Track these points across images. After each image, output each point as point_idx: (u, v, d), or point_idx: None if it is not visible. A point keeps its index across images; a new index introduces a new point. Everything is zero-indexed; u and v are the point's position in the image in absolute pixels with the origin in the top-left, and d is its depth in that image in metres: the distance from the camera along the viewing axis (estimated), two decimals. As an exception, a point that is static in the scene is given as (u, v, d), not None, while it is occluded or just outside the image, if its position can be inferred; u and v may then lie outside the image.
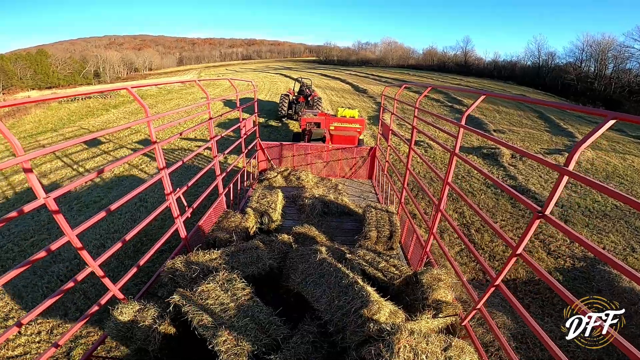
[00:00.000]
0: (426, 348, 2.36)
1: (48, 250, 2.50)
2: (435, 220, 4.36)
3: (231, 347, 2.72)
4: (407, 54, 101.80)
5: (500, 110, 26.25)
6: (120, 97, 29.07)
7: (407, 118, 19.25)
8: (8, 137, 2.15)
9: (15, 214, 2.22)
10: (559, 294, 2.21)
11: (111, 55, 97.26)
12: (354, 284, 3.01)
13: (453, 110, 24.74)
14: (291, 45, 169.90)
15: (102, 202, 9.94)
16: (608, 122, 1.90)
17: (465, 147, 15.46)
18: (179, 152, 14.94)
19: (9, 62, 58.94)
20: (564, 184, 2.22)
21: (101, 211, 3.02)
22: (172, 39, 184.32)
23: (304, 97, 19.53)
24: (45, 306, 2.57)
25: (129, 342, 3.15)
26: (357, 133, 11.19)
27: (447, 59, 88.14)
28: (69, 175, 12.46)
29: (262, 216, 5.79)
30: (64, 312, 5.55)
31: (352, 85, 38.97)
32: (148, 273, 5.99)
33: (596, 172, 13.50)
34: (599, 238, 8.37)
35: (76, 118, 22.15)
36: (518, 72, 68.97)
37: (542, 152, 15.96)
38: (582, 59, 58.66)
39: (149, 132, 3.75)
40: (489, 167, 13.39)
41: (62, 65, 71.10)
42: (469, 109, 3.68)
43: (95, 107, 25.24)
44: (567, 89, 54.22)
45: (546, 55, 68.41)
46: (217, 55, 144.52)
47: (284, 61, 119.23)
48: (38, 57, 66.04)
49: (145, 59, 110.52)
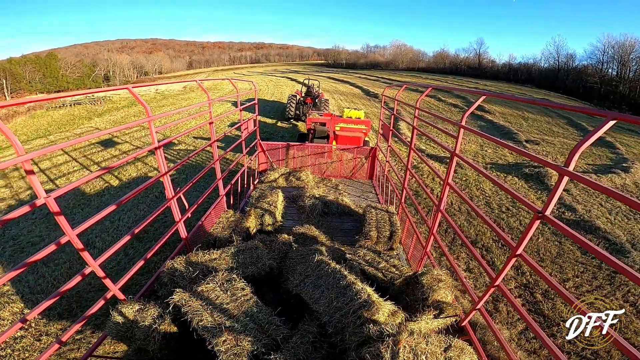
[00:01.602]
0: (426, 348, 2.36)
1: (46, 250, 2.50)
2: (436, 220, 4.35)
3: (231, 347, 2.72)
4: (417, 57, 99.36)
5: (525, 116, 24.67)
6: (111, 102, 28.47)
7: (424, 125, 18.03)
8: (9, 137, 2.15)
9: (15, 214, 2.23)
10: (559, 294, 2.20)
11: (121, 58, 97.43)
12: (352, 284, 3.01)
13: (474, 117, 23.05)
14: (299, 49, 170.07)
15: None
16: (608, 122, 1.91)
17: (499, 164, 13.76)
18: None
19: (18, 66, 58.72)
20: (564, 184, 2.23)
21: (101, 211, 3.01)
22: (182, 42, 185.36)
23: (311, 98, 19.61)
24: (44, 306, 2.57)
25: (129, 341, 3.15)
26: (363, 134, 11.17)
27: (460, 62, 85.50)
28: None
29: (262, 216, 5.78)
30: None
31: (362, 89, 37.39)
32: (148, 273, 6.00)
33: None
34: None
35: (53, 129, 20.68)
36: (535, 75, 65.72)
37: (592, 169, 13.77)
38: (603, 60, 55.58)
39: (150, 132, 3.75)
40: (534, 191, 11.08)
41: (71, 68, 70.85)
42: (469, 110, 3.67)
43: (79, 116, 24.16)
44: (589, 93, 51.41)
45: (565, 57, 65.03)
46: (227, 58, 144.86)
47: (292, 65, 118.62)
48: (47, 61, 65.77)
49: (155, 62, 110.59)
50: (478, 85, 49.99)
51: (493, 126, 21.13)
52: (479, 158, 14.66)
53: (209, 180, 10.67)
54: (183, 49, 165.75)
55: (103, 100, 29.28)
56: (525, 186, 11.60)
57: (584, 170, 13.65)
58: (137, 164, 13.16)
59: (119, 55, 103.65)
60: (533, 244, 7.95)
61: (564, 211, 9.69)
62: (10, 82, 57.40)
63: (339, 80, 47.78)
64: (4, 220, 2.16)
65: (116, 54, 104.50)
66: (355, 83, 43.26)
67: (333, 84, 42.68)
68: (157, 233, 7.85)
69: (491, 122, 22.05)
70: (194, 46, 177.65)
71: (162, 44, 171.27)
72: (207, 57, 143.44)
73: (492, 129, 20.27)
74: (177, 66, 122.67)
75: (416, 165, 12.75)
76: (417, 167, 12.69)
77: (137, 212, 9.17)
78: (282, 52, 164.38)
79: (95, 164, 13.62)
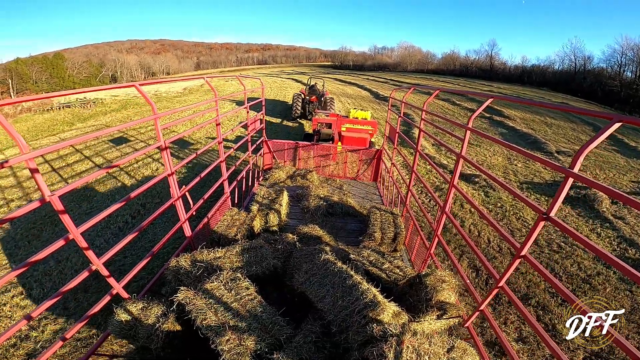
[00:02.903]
0: (429, 349, 2.36)
1: (50, 249, 2.52)
2: (440, 222, 4.35)
3: (234, 347, 2.74)
4: (426, 59, 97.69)
5: (548, 122, 23.03)
6: (101, 105, 27.29)
7: (439, 133, 17.10)
8: (13, 135, 2.18)
9: (18, 213, 2.25)
10: (561, 294, 2.19)
11: (129, 59, 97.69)
12: (358, 284, 3.01)
13: (492, 122, 21.98)
14: (306, 50, 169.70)
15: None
16: (613, 125, 1.89)
17: (535, 184, 11.58)
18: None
19: (25, 66, 58.54)
20: (569, 185, 2.22)
21: (105, 209, 3.03)
22: (190, 43, 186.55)
23: (316, 96, 19.61)
24: (48, 304, 2.60)
25: (132, 340, 3.17)
26: (369, 135, 11.15)
27: (470, 64, 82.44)
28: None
29: (267, 215, 5.80)
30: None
31: (371, 92, 35.27)
32: (152, 270, 6.04)
33: None
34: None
35: (30, 136, 19.10)
36: (550, 78, 62.68)
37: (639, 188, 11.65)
38: (621, 63, 52.92)
39: (156, 130, 3.78)
40: (584, 219, 9.07)
41: (78, 69, 70.31)
42: (475, 113, 3.66)
43: (62, 121, 22.75)
44: (609, 96, 48.41)
45: (582, 59, 61.72)
46: (234, 60, 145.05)
47: (298, 66, 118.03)
48: (54, 61, 65.22)
49: (162, 63, 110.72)
50: (492, 89, 48.10)
51: (516, 134, 19.49)
52: (510, 175, 12.45)
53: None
54: (191, 50, 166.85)
55: (94, 103, 27.88)
56: (573, 213, 9.38)
57: (631, 191, 11.41)
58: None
59: (127, 55, 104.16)
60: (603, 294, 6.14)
61: (626, 247, 7.75)
62: (16, 82, 57.49)
63: (346, 82, 45.84)
64: (6, 219, 2.19)
65: (125, 54, 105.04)
66: (364, 85, 41.34)
67: (340, 86, 40.62)
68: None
69: (513, 129, 20.48)
70: (202, 47, 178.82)
71: (171, 45, 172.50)
72: (215, 58, 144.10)
73: (515, 137, 18.67)
74: (184, 67, 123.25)
75: (439, 187, 10.95)
76: (440, 188, 10.76)
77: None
78: (289, 53, 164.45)
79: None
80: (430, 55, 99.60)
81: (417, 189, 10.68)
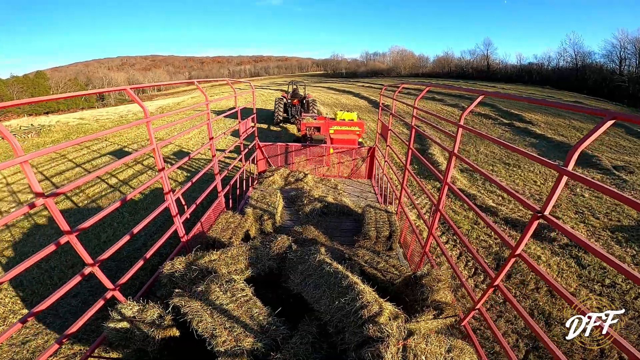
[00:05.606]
0: (426, 349, 2.37)
1: (45, 251, 2.49)
2: (435, 220, 4.36)
3: (230, 348, 2.72)
4: (419, 62, 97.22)
5: (576, 126, 19.97)
6: (48, 134, 22.25)
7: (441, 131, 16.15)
8: (8, 139, 2.15)
9: (15, 215, 2.22)
10: (559, 294, 2.21)
11: (117, 76, 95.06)
12: (354, 284, 3.01)
13: (515, 130, 19.04)
14: (298, 60, 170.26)
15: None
16: (607, 122, 1.90)
17: (624, 228, 8.12)
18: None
19: (4, 86, 55.09)
20: (563, 183, 2.23)
21: (99, 212, 3.01)
22: (181, 58, 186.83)
23: (298, 100, 19.59)
24: (44, 306, 2.56)
25: (128, 342, 3.14)
26: (357, 136, 11.23)
27: (465, 64, 79.96)
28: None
29: (261, 217, 5.78)
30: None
31: (368, 100, 32.78)
32: (147, 274, 5.98)
33: None
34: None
35: None
36: (552, 75, 59.43)
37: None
38: (621, 57, 50.51)
39: (148, 133, 3.75)
40: None
41: (62, 88, 65.85)
42: (466, 110, 3.66)
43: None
44: (616, 92, 45.53)
45: (582, 55, 58.77)
46: (226, 73, 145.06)
47: (291, 76, 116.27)
48: (36, 80, 61.55)
49: (152, 79, 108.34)
50: (496, 90, 44.94)
51: (549, 143, 16.31)
52: (588, 217, 8.75)
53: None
54: (182, 65, 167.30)
55: (37, 132, 22.67)
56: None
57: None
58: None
59: (116, 73, 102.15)
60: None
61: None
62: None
63: (340, 91, 43.25)
64: (3, 221, 2.16)
65: (115, 72, 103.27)
66: (360, 93, 38.89)
67: (334, 96, 37.75)
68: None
69: (542, 137, 17.39)
70: (193, 62, 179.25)
71: (162, 60, 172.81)
72: (207, 72, 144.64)
73: (550, 149, 15.38)
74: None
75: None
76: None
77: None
78: (281, 64, 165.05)
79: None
80: (424, 59, 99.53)
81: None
